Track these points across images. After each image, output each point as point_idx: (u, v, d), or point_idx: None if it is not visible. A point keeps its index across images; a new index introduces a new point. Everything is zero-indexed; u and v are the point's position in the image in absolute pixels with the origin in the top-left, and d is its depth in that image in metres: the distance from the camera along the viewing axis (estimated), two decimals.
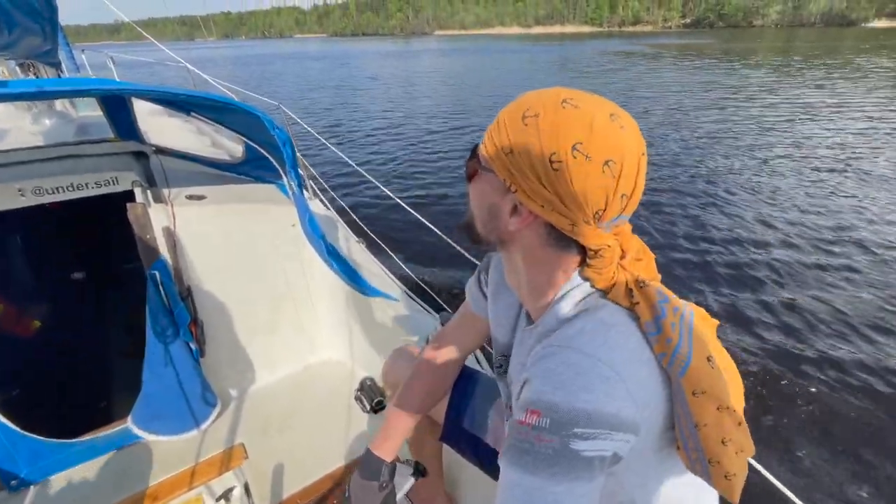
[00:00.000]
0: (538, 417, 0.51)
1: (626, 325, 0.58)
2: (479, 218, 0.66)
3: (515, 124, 0.56)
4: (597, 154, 0.52)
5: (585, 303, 0.61)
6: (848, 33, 59.76)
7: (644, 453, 0.59)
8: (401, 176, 7.14)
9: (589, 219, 0.56)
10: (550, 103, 0.55)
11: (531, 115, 0.55)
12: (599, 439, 0.50)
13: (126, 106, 1.91)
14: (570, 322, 0.60)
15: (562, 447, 0.50)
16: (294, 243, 1.95)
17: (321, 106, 14.17)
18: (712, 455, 0.58)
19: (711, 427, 0.57)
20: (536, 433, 0.51)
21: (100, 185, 1.84)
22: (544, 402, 0.51)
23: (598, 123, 0.53)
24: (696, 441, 0.58)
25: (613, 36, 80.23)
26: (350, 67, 29.05)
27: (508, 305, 0.82)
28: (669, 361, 0.56)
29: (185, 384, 1.69)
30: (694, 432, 0.57)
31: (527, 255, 0.65)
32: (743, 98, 12.13)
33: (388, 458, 0.93)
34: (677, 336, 0.55)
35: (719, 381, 0.57)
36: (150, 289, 1.64)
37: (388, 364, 1.22)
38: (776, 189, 5.94)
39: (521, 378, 0.59)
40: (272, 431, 1.77)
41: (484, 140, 0.63)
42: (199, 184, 1.98)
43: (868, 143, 7.99)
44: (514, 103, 0.59)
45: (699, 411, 0.56)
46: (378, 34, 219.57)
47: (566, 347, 0.55)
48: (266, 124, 1.55)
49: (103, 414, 1.90)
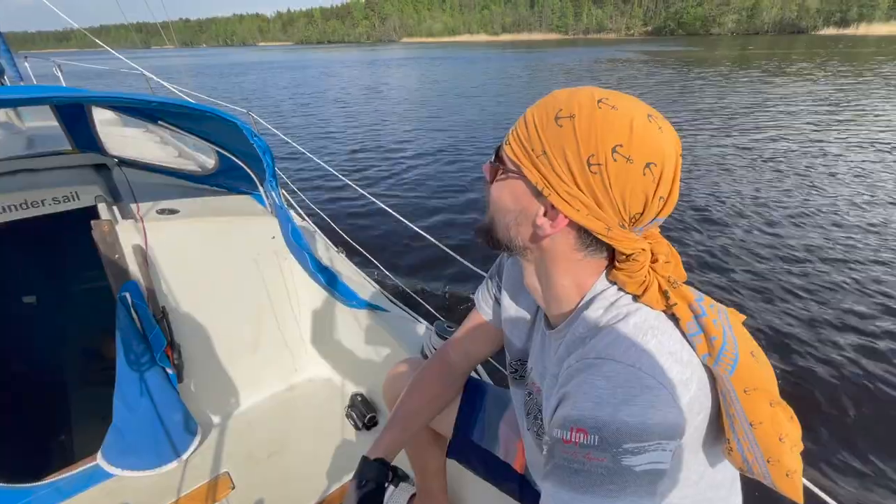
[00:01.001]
0: (585, 436, 0.50)
1: (662, 327, 0.56)
2: (502, 223, 0.64)
3: (548, 125, 0.54)
4: (638, 156, 0.51)
5: (616, 307, 0.59)
6: (803, 39, 63.47)
7: (684, 456, 0.58)
8: (381, 182, 7.01)
9: (625, 223, 0.55)
10: (586, 103, 0.53)
11: (566, 115, 0.53)
12: (651, 451, 0.49)
13: (84, 115, 1.80)
14: (603, 330, 0.58)
15: (614, 465, 0.48)
16: (275, 256, 1.88)
17: (290, 113, 14.00)
18: (771, 454, 0.57)
19: (767, 424, 0.56)
20: (585, 452, 0.49)
21: (58, 200, 1.72)
22: (589, 419, 0.50)
23: (637, 124, 0.51)
24: (752, 441, 0.57)
25: (579, 43, 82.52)
26: (318, 75, 28.83)
27: (525, 309, 0.81)
28: (716, 360, 0.54)
29: (162, 413, 1.58)
30: (749, 432, 0.56)
31: (554, 260, 0.62)
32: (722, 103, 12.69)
33: (373, 456, 0.91)
34: (721, 333, 0.54)
35: (768, 375, 0.56)
36: (119, 313, 1.52)
37: (388, 380, 1.18)
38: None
39: (558, 394, 0.57)
40: (259, 457, 1.68)
41: (508, 140, 0.60)
42: (169, 197, 1.88)
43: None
44: (544, 102, 0.57)
45: (753, 409, 0.55)
46: (344, 42, 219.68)
47: (605, 359, 0.53)
48: (245, 132, 1.49)
49: (68, 451, 1.76)
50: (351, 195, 5.99)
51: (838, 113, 10.75)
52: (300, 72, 31.95)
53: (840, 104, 11.89)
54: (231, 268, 1.80)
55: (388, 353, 1.69)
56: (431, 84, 21.39)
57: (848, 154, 7.50)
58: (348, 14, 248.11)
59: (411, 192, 6.39)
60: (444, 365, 1.03)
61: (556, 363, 0.66)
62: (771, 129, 9.29)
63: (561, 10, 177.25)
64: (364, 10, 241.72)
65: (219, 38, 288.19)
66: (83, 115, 1.81)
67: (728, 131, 9.34)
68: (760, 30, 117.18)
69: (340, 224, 2.87)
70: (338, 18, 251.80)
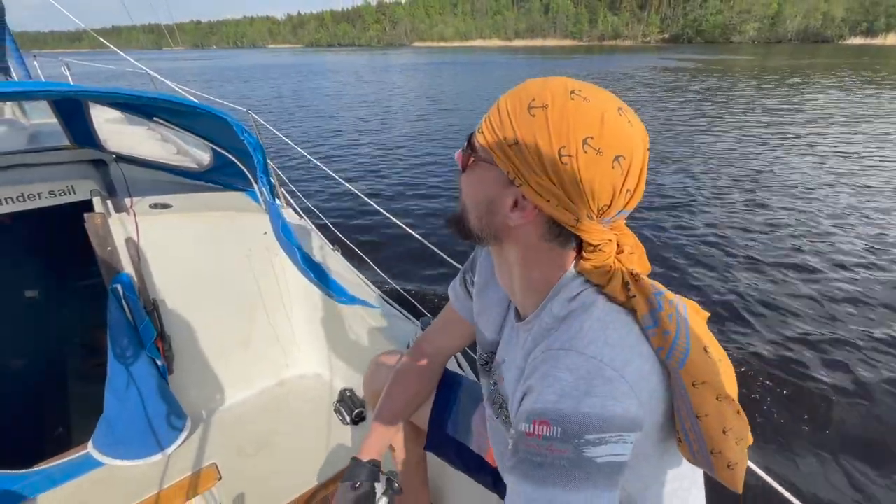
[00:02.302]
0: (547, 428, 0.51)
1: (624, 320, 0.58)
2: (473, 211, 0.65)
3: (521, 114, 0.55)
4: (608, 149, 0.53)
5: (580, 299, 0.61)
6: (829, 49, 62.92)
7: (645, 449, 0.59)
8: (374, 181, 7.18)
9: (593, 214, 0.56)
10: (559, 94, 0.54)
11: (538, 105, 0.54)
12: (612, 443, 0.50)
13: (82, 111, 1.87)
14: (566, 321, 0.60)
15: (576, 456, 0.50)
16: (266, 252, 1.94)
17: (291, 114, 14.28)
18: (714, 445, 0.59)
19: (712, 417, 0.58)
20: (548, 444, 0.51)
21: (54, 194, 1.78)
22: (551, 412, 0.51)
23: (608, 117, 0.53)
24: (698, 432, 0.59)
25: (594, 50, 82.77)
26: (324, 77, 29.23)
27: (496, 302, 0.83)
28: (668, 354, 0.56)
29: (151, 404, 1.64)
30: (695, 423, 0.58)
31: (524, 251, 0.64)
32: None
33: (365, 458, 0.94)
34: (675, 328, 0.56)
35: (717, 370, 0.58)
36: (111, 304, 1.59)
37: (369, 374, 1.22)
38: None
39: (523, 386, 0.59)
40: (247, 450, 1.73)
41: (481, 128, 0.61)
42: (164, 192, 1.95)
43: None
44: (517, 91, 0.58)
45: (700, 402, 0.57)
46: (355, 45, 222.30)
47: (567, 350, 0.55)
48: (235, 129, 1.55)
49: (61, 441, 1.82)
50: (346, 194, 6.12)
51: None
52: (307, 75, 32.37)
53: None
54: (223, 263, 1.86)
55: (377, 348, 1.73)
56: (436, 88, 21.66)
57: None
58: (359, 17, 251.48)
59: (405, 193, 6.53)
60: (419, 361, 1.06)
61: (523, 356, 0.68)
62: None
63: (576, 17, 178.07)
64: (375, 14, 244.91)
65: (229, 40, 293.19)
66: (81, 112, 1.88)
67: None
68: (783, 38, 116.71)
69: (335, 222, 2.95)
70: (348, 21, 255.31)
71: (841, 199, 6.01)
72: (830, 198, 6.07)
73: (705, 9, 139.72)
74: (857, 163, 7.67)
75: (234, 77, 29.32)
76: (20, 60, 3.53)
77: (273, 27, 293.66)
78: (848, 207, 5.72)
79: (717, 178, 7.01)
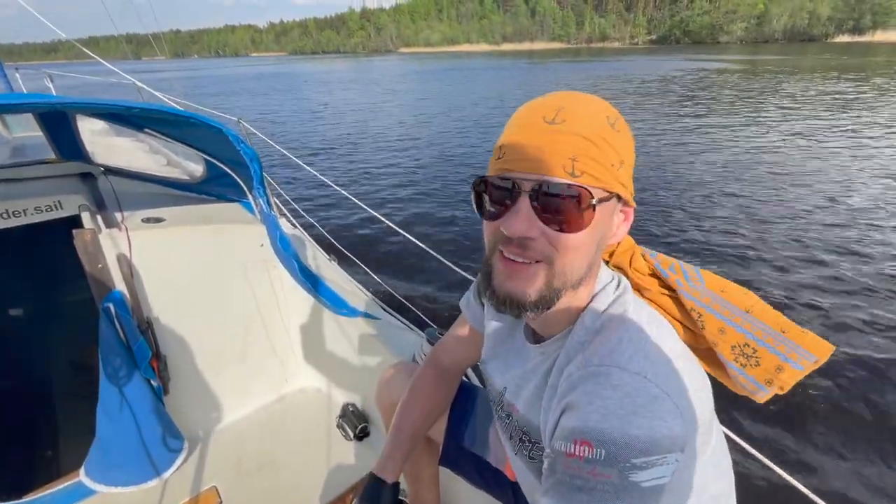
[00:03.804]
0: (590, 449, 0.49)
1: (657, 329, 0.59)
2: (582, 262, 0.59)
3: (611, 135, 0.56)
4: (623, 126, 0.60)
5: (615, 306, 0.62)
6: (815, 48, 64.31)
7: (687, 468, 0.57)
8: (371, 189, 7.20)
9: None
10: (602, 102, 0.59)
11: (614, 119, 0.57)
12: (657, 466, 0.49)
13: (69, 123, 1.85)
14: (601, 333, 0.59)
15: (621, 481, 0.48)
16: (263, 264, 1.93)
17: (281, 122, 14.31)
18: (780, 325, 0.65)
19: (759, 306, 0.65)
20: (591, 467, 0.49)
21: (41, 210, 1.76)
22: (595, 432, 0.50)
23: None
24: (754, 322, 0.65)
25: (582, 52, 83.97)
26: (312, 87, 29.33)
27: (500, 318, 0.84)
28: (680, 286, 0.66)
29: (147, 427, 1.61)
30: (747, 316, 0.65)
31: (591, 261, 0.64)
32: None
33: (390, 479, 0.92)
34: (678, 268, 0.65)
35: (731, 283, 0.66)
36: (102, 324, 1.56)
37: (381, 386, 1.20)
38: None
39: (560, 403, 0.57)
40: (248, 471, 1.70)
41: (573, 172, 0.54)
42: (156, 205, 1.93)
43: None
44: (587, 114, 0.56)
45: (740, 299, 0.66)
46: (339, 52, 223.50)
47: (609, 367, 0.54)
48: (231, 139, 1.54)
49: (51, 466, 1.78)
50: (343, 203, 6.13)
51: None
52: (294, 84, 32.44)
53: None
54: (218, 277, 1.85)
55: (380, 361, 1.72)
56: (427, 95, 21.82)
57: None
58: (343, 24, 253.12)
59: (403, 201, 6.55)
60: (438, 371, 1.05)
61: (543, 376, 0.67)
62: None
63: (563, 20, 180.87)
64: (359, 21, 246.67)
65: (210, 49, 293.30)
66: (67, 124, 1.86)
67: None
68: (770, 38, 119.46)
69: (332, 232, 2.93)
70: (332, 29, 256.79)
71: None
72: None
73: (692, 10, 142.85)
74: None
75: (221, 90, 29.20)
76: (1, 73, 3.51)
77: (255, 35, 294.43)
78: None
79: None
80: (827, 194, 6.22)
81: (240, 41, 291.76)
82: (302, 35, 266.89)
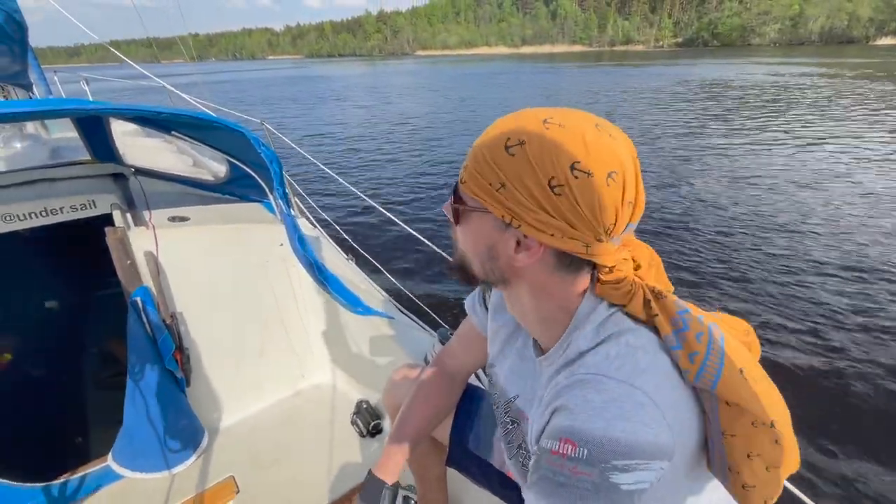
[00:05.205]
0: (574, 448, 0.52)
1: (653, 345, 0.59)
2: (475, 260, 0.66)
3: (500, 156, 0.56)
4: (598, 168, 0.53)
5: (606, 329, 0.61)
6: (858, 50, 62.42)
7: (675, 478, 0.58)
8: (389, 191, 7.40)
9: (601, 236, 0.56)
10: (533, 127, 0.55)
11: (514, 143, 0.55)
12: (639, 470, 0.51)
13: (102, 126, 1.99)
14: (593, 349, 0.60)
15: (601, 480, 0.51)
16: (283, 263, 2.04)
17: (303, 125, 14.71)
18: (733, 464, 0.60)
19: (739, 439, 0.58)
20: (572, 465, 0.52)
21: (76, 209, 1.89)
22: (580, 432, 0.52)
23: (589, 138, 0.54)
24: (720, 447, 0.60)
25: (605, 57, 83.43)
26: (332, 89, 29.82)
27: (503, 324, 0.86)
28: (696, 377, 0.56)
29: (170, 417, 1.72)
30: (719, 439, 0.59)
31: (535, 288, 0.64)
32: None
33: (390, 480, 0.95)
34: (704, 348, 0.56)
35: (753, 394, 0.56)
36: (131, 317, 1.68)
37: (389, 386, 1.24)
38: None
39: (548, 409, 0.60)
40: (264, 462, 1.79)
41: (463, 178, 0.61)
42: (182, 205, 2.07)
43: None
44: (489, 134, 0.59)
45: (729, 421, 0.57)
46: (356, 55, 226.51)
47: (597, 375, 0.56)
48: (252, 142, 1.65)
49: (81, 452, 1.90)
50: (360, 205, 6.30)
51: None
52: (314, 88, 32.97)
53: None
54: (239, 274, 1.96)
55: (394, 360, 1.81)
56: (448, 95, 22.14)
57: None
58: (359, 27, 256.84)
59: (420, 204, 6.71)
60: (442, 374, 1.07)
61: (542, 383, 0.69)
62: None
63: (584, 22, 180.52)
64: (375, 24, 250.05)
65: (228, 52, 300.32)
66: (101, 126, 2.00)
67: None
68: (805, 40, 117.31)
69: (350, 232, 3.04)
70: (349, 32, 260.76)
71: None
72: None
73: (721, 11, 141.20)
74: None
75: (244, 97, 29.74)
76: (41, 76, 3.73)
77: (272, 38, 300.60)
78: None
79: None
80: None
81: (256, 44, 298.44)
82: (318, 38, 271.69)
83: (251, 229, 2.02)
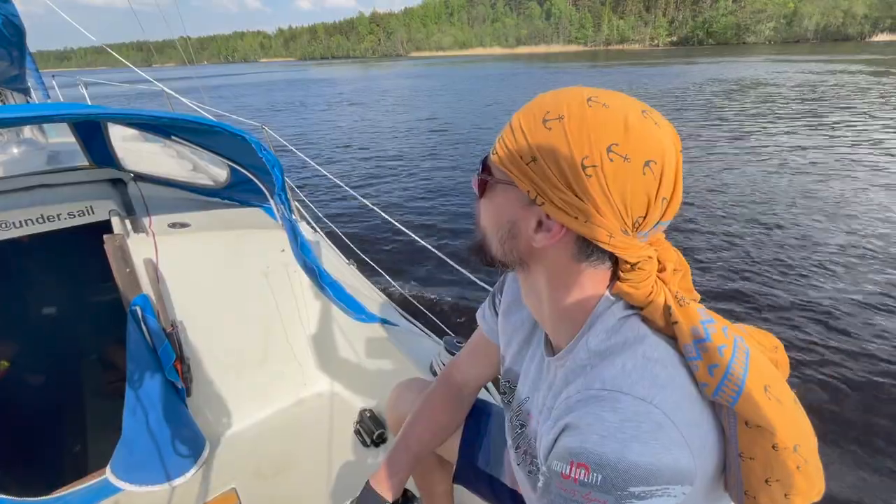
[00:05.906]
0: (586, 472, 0.49)
1: (671, 358, 0.55)
2: (494, 237, 0.63)
3: (537, 128, 0.54)
4: (636, 154, 0.50)
5: (623, 333, 0.58)
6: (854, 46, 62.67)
7: (696, 501, 0.55)
8: (391, 196, 7.38)
9: (628, 228, 0.54)
10: (575, 103, 0.53)
11: (553, 117, 0.53)
12: (657, 497, 0.48)
13: (101, 131, 1.98)
14: (606, 358, 0.57)
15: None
16: (284, 269, 2.02)
17: (303, 129, 14.69)
18: (750, 488, 0.58)
19: (758, 462, 0.55)
20: (586, 491, 0.49)
21: (73, 215, 1.88)
22: (592, 454, 0.49)
23: (632, 121, 0.51)
24: (737, 470, 0.57)
25: (600, 56, 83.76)
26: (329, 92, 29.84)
27: (518, 324, 0.83)
28: (715, 391, 0.53)
29: (170, 428, 1.70)
30: (736, 461, 0.56)
31: (553, 275, 0.62)
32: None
33: (389, 497, 0.91)
34: (726, 362, 0.53)
35: (776, 414, 0.53)
36: (130, 326, 1.66)
37: (394, 396, 1.21)
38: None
39: (557, 425, 0.57)
40: (266, 473, 1.78)
41: (495, 149, 0.60)
42: (182, 210, 2.05)
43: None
44: (530, 106, 0.57)
45: (749, 444, 0.55)
46: (349, 57, 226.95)
47: (612, 391, 0.53)
48: (254, 146, 1.63)
49: (79, 463, 1.88)
50: (363, 209, 6.28)
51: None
52: (311, 91, 32.99)
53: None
54: (241, 281, 1.95)
55: (398, 368, 1.80)
56: (446, 98, 22.12)
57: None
58: (353, 29, 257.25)
59: (423, 209, 6.69)
60: (449, 389, 1.04)
61: (553, 395, 0.65)
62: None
63: (579, 21, 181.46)
64: (369, 25, 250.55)
65: (220, 55, 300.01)
66: (99, 131, 1.99)
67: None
68: (801, 38, 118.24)
69: (352, 237, 3.03)
70: (342, 34, 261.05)
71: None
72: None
73: (716, 10, 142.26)
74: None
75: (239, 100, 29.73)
76: (39, 81, 3.72)
77: (265, 41, 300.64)
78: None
79: None
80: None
81: (249, 47, 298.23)
82: (311, 40, 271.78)
83: (252, 235, 2.00)
